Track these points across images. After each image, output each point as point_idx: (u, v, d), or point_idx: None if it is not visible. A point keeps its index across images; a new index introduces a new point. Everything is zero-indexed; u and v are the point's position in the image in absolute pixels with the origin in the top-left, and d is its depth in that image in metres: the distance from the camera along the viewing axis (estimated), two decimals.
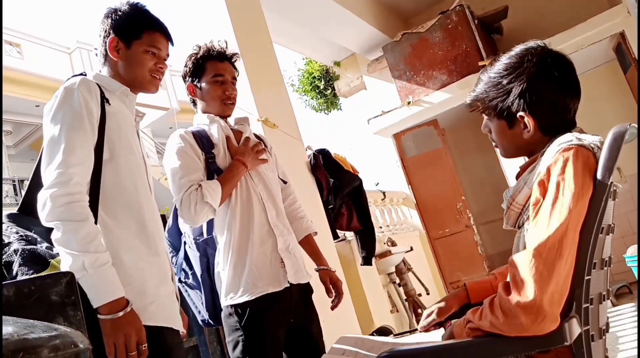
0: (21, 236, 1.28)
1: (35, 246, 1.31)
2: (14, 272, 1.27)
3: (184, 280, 1.95)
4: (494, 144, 1.31)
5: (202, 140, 1.85)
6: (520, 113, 1.18)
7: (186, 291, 1.97)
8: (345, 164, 3.80)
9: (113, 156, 1.36)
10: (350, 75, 7.46)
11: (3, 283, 0.78)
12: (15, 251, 1.21)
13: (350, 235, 4.08)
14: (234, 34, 3.26)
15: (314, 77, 7.92)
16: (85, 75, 1.44)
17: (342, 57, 7.29)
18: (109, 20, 1.50)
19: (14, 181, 11.87)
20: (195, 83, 1.95)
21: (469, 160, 6.98)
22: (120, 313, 1.20)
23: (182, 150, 1.80)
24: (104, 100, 1.38)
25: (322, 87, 7.87)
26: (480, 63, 5.45)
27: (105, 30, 1.50)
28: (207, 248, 1.89)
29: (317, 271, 2.03)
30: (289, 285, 1.80)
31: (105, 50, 1.50)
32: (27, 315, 0.64)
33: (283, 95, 3.57)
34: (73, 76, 1.42)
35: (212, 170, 1.81)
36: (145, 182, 1.46)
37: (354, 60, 7.23)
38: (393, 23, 6.58)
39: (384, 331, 1.51)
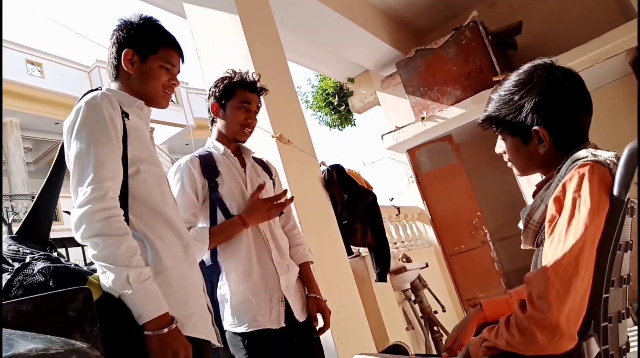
0: (42, 255, 1.22)
1: (64, 264, 1.25)
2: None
3: None
4: (508, 164, 1.30)
5: (208, 167, 1.91)
6: (535, 127, 1.18)
7: None
8: (359, 179, 3.80)
9: (139, 170, 1.35)
10: (364, 91, 7.50)
11: (22, 299, 0.79)
12: (43, 270, 1.13)
13: (364, 250, 4.05)
14: (249, 51, 3.30)
15: (328, 94, 7.97)
16: (101, 89, 1.43)
17: (356, 73, 7.33)
18: (123, 33, 1.49)
19: (33, 197, 12.05)
20: (221, 103, 2.01)
21: (484, 175, 6.93)
22: (166, 330, 1.18)
23: (180, 185, 1.87)
24: (123, 114, 1.37)
25: (336, 103, 7.91)
26: (495, 78, 5.44)
27: (119, 43, 1.48)
28: (212, 275, 1.93)
29: (307, 297, 2.02)
30: (285, 326, 1.83)
31: (118, 62, 1.48)
32: (45, 331, 0.65)
33: (297, 111, 3.59)
34: (89, 91, 1.41)
35: (213, 199, 1.88)
36: (169, 193, 1.46)
37: (367, 76, 7.26)
38: (406, 40, 6.61)
39: (397, 348, 1.49)
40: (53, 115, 11.71)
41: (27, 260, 1.14)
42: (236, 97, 1.99)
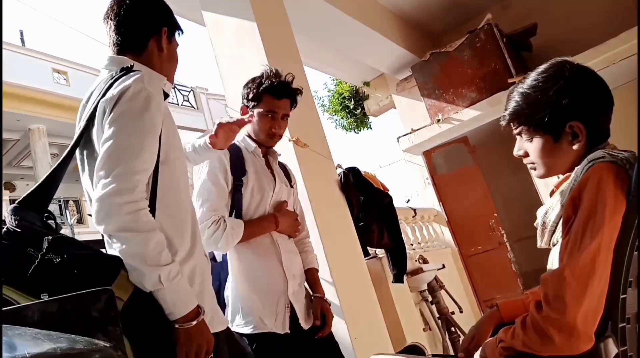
0: (67, 239, 1.11)
1: (97, 251, 1.19)
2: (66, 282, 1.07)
3: None
4: (529, 166, 1.24)
5: (237, 164, 1.88)
6: (571, 122, 1.13)
7: None
8: (375, 182, 3.79)
9: (168, 158, 1.30)
10: (379, 94, 7.48)
11: (50, 299, 0.80)
12: (73, 257, 1.06)
13: (381, 252, 4.04)
14: (266, 57, 3.32)
15: (344, 98, 7.97)
16: (133, 68, 1.33)
17: (371, 77, 7.32)
18: (156, 9, 1.44)
19: (59, 201, 12.26)
20: (250, 107, 1.97)
21: (500, 176, 6.85)
22: (194, 322, 1.18)
23: (214, 174, 1.84)
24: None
25: (352, 107, 7.91)
26: (510, 80, 5.38)
27: (154, 19, 1.42)
28: (220, 272, 1.92)
29: (311, 298, 1.99)
30: (290, 332, 1.81)
31: (147, 38, 1.39)
32: (69, 330, 0.66)
33: (314, 115, 3.59)
34: (125, 70, 1.32)
35: (236, 198, 1.85)
36: (188, 184, 1.44)
37: (383, 80, 7.24)
38: (421, 43, 6.58)
39: (414, 348, 1.48)
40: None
41: (45, 243, 1.07)
42: (262, 104, 1.94)
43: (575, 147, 1.14)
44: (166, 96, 1.37)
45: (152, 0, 1.44)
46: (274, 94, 1.94)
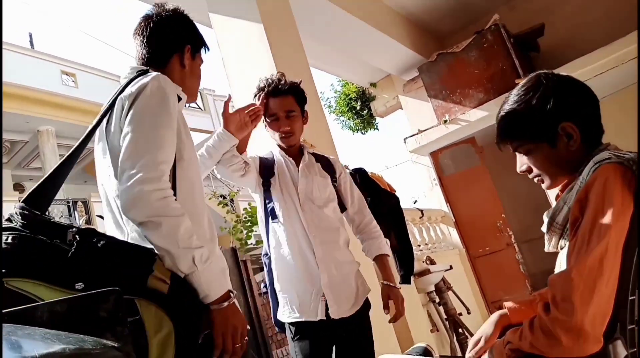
0: (94, 230, 1.10)
1: (123, 240, 1.20)
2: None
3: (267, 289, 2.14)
4: (536, 180, 1.26)
5: (266, 167, 2.02)
6: (562, 124, 1.14)
7: None
8: (382, 183, 3.78)
9: (182, 157, 1.32)
10: (386, 95, 7.47)
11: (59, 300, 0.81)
12: (110, 244, 1.06)
13: None
14: (273, 58, 3.33)
15: (351, 99, 7.97)
16: (149, 72, 1.37)
17: (378, 78, 7.32)
18: (182, 27, 1.48)
19: (68, 202, 12.34)
20: (265, 119, 2.06)
21: (508, 177, 6.78)
22: (226, 303, 1.20)
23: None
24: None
25: (358, 108, 7.90)
26: (517, 81, 5.35)
27: (179, 35, 1.46)
28: (271, 264, 2.02)
29: (381, 284, 2.08)
30: (325, 318, 1.88)
31: (170, 53, 1.44)
32: (78, 330, 0.67)
33: (320, 116, 3.60)
34: (142, 72, 1.36)
35: (265, 198, 1.99)
36: (202, 187, 1.45)
37: (389, 81, 7.24)
38: (428, 44, 6.57)
39: (422, 349, 1.48)
40: (86, 123, 11.93)
41: (69, 236, 1.07)
42: (267, 109, 2.02)
43: (572, 148, 1.14)
44: (179, 98, 1.39)
45: (178, 18, 1.49)
46: (270, 96, 2.02)
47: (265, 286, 2.14)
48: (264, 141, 2.23)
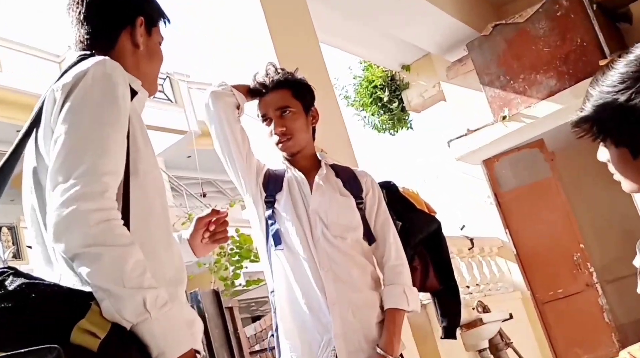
0: (15, 271, 1.11)
1: (51, 282, 1.17)
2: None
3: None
4: (615, 176, 1.25)
5: (270, 181, 2.11)
6: None
7: None
8: (418, 201, 3.76)
9: (138, 169, 1.30)
10: (423, 82, 7.48)
11: None
12: (24, 289, 1.05)
13: (426, 297, 4.01)
14: (269, 32, 3.35)
15: (375, 87, 7.99)
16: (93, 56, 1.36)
17: (413, 59, 7.34)
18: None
19: None
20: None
21: (588, 194, 6.78)
22: None
23: None
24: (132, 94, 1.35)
25: (385, 99, 7.91)
26: (602, 62, 5.35)
27: (127, 5, 1.46)
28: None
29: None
30: None
31: (117, 30, 1.43)
32: None
33: (333, 111, 3.60)
34: (83, 57, 1.35)
35: (265, 216, 2.07)
36: (168, 209, 1.44)
37: (428, 62, 7.26)
38: (481, 12, 6.58)
39: None
40: (14, 120, 11.69)
41: None
42: (259, 113, 2.16)
43: None
44: (134, 93, 1.37)
45: None
46: (259, 95, 2.15)
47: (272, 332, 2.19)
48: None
